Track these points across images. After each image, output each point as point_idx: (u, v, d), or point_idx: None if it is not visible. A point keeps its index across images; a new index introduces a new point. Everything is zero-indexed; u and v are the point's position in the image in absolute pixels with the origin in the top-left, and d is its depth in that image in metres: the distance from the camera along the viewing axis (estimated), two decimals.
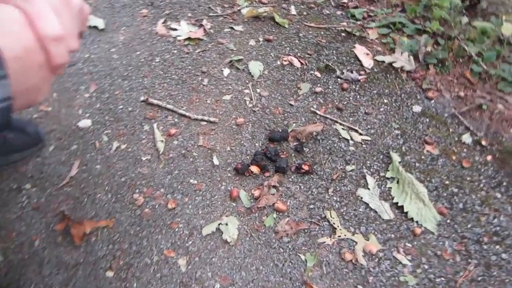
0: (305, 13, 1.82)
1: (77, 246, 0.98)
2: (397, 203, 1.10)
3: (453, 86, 1.43)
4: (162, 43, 1.62)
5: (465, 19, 1.69)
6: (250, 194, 1.11)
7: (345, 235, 1.04)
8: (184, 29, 1.67)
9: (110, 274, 0.93)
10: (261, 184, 1.13)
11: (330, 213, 1.08)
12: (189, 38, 1.63)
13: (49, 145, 1.24)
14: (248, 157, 1.21)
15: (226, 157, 1.21)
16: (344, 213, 1.09)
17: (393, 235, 1.05)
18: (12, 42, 0.42)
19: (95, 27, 1.67)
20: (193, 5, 1.82)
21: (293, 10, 1.82)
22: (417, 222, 1.06)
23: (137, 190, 1.12)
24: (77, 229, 0.98)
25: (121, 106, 1.36)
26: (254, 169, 1.14)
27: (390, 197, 1.11)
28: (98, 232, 1.01)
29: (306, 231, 1.05)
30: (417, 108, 1.36)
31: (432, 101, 1.39)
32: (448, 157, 1.22)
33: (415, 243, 1.03)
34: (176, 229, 1.03)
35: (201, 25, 1.69)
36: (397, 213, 1.09)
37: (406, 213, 1.07)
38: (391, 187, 1.13)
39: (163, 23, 1.71)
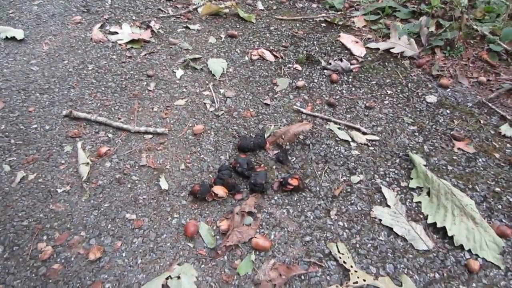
0: (274, 7, 1.52)
1: None
2: (434, 223, 0.73)
3: (470, 71, 1.13)
4: (98, 49, 1.28)
5: (465, 1, 1.43)
6: (214, 227, 0.74)
7: (364, 280, 0.66)
8: (126, 32, 1.34)
9: None
10: (230, 212, 0.76)
11: (337, 246, 0.71)
12: (132, 41, 1.30)
13: None
14: (210, 175, 0.84)
15: (179, 178, 0.84)
16: (357, 245, 0.72)
17: (437, 275, 0.68)
18: None
19: (13, 38, 1.33)
20: (139, 8, 1.51)
21: (260, 5, 1.53)
22: (469, 251, 0.70)
23: (44, 237, 0.74)
24: None
25: (35, 125, 0.99)
26: (219, 190, 0.77)
27: (422, 215, 0.75)
28: None
29: (303, 277, 0.67)
30: (431, 98, 1.03)
31: (448, 89, 1.07)
32: (489, 155, 0.88)
33: (474, 285, 0.66)
34: None
35: (148, 27, 1.37)
36: (437, 240, 0.72)
37: (451, 238, 0.71)
38: (420, 201, 0.77)
39: (100, 27, 1.37)
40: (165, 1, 1.56)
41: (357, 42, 1.24)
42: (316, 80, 1.10)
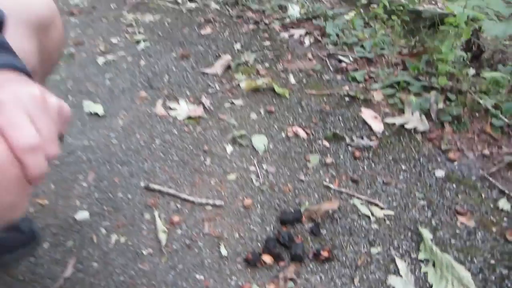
0: (304, 80, 1.78)
1: None
2: None
3: (475, 144, 1.33)
4: (161, 124, 1.57)
5: (471, 71, 1.64)
6: None
7: None
8: (183, 108, 1.63)
9: None
10: (275, 277, 0.99)
11: None
12: (189, 117, 1.58)
13: (44, 242, 1.13)
14: (259, 244, 1.08)
15: (235, 245, 1.08)
16: None
17: None
18: None
19: (96, 114, 1.64)
20: (191, 84, 1.80)
21: (292, 79, 1.79)
22: None
23: None
24: None
25: (120, 194, 1.27)
26: (267, 258, 1.01)
27: (428, 284, 0.96)
28: None
29: None
30: (440, 173, 1.24)
31: (455, 163, 1.28)
32: (487, 229, 1.08)
33: None
34: None
35: (200, 103, 1.65)
36: None
37: None
38: (427, 272, 0.98)
39: (162, 104, 1.67)
40: (212, 76, 1.85)
41: (376, 117, 1.47)
42: (341, 157, 1.33)
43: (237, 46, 2.09)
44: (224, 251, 1.07)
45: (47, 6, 0.76)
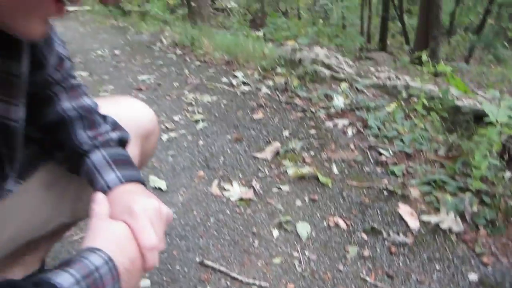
0: (346, 171, 1.95)
1: None
2: None
3: (510, 250, 1.41)
4: (216, 203, 1.77)
5: (508, 174, 1.74)
6: None
7: None
8: (236, 190, 1.83)
9: None
10: None
11: None
12: (240, 199, 1.77)
13: None
14: None
15: None
16: None
17: None
18: (123, 258, 0.55)
19: (159, 189, 1.87)
20: (243, 167, 2.02)
21: (335, 169, 1.96)
22: None
23: None
24: None
25: (178, 267, 1.44)
26: None
27: None
28: None
29: None
30: (473, 276, 1.32)
31: (489, 267, 1.36)
32: None
33: None
34: None
35: (251, 186, 1.85)
36: None
37: None
38: None
39: (217, 184, 1.89)
40: (262, 160, 2.07)
41: (412, 214, 1.60)
42: (378, 250, 1.45)
43: (286, 133, 2.32)
44: None
45: (152, 122, 1.00)
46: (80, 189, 0.85)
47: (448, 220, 1.54)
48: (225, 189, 1.85)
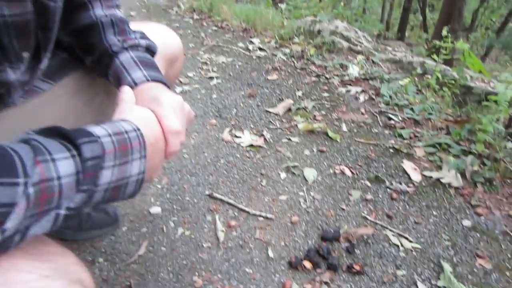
0: (355, 130, 2.02)
1: None
2: None
3: (503, 205, 1.48)
4: (227, 148, 1.85)
5: (510, 144, 1.80)
6: (302, 287, 1.16)
7: None
8: (247, 137, 1.90)
9: None
10: (312, 279, 1.18)
11: None
12: (251, 145, 1.85)
13: (123, 226, 1.39)
14: (301, 252, 1.28)
15: (280, 251, 1.29)
16: None
17: None
18: (149, 133, 0.61)
19: None
20: (255, 119, 2.09)
21: (344, 127, 2.03)
22: None
23: (196, 273, 1.21)
24: None
25: (188, 198, 1.53)
26: (307, 264, 1.21)
27: None
28: None
29: None
30: (467, 223, 1.40)
31: (482, 217, 1.43)
32: (502, 273, 1.22)
33: None
34: None
35: (262, 135, 1.92)
36: None
37: None
38: None
39: (229, 131, 1.96)
40: (274, 115, 2.13)
41: (415, 169, 1.67)
42: (380, 196, 1.53)
43: (299, 93, 2.38)
44: (271, 254, 1.28)
45: (178, 46, 1.05)
46: (105, 104, 0.91)
47: (448, 176, 1.60)
48: (236, 136, 1.92)
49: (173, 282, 1.18)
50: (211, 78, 2.62)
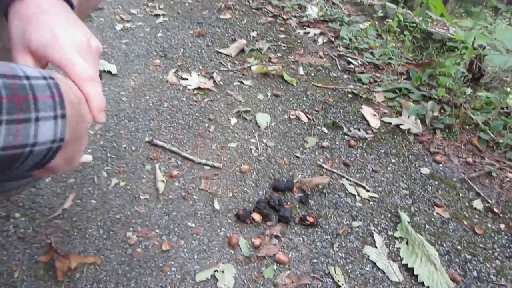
0: (312, 74, 1.87)
1: (59, 282, 0.89)
2: (406, 264, 1.02)
3: (461, 152, 1.42)
4: (171, 90, 1.65)
5: (469, 90, 1.74)
6: (250, 242, 1.05)
7: None
8: (194, 79, 1.71)
9: None
10: (262, 233, 1.07)
11: (335, 269, 1.00)
12: (198, 88, 1.66)
13: (46, 177, 1.20)
14: (250, 204, 1.15)
15: (227, 203, 1.16)
16: (349, 271, 1.01)
17: None
18: (67, 88, 0.42)
19: (109, 72, 1.71)
20: (205, 60, 1.88)
21: (301, 71, 1.88)
22: (428, 287, 0.98)
23: (131, 229, 1.06)
24: (62, 263, 0.90)
25: (124, 145, 1.34)
26: (256, 216, 1.09)
27: (399, 258, 1.04)
28: (84, 268, 0.93)
29: (307, 286, 0.96)
30: (425, 170, 1.33)
31: (440, 164, 1.37)
32: (459, 222, 1.16)
33: None
34: (168, 273, 0.95)
35: (211, 77, 1.73)
36: (407, 276, 1.01)
37: (417, 276, 1.00)
38: (400, 248, 1.06)
39: (174, 72, 1.75)
40: (226, 56, 1.93)
41: (374, 115, 1.56)
42: (337, 143, 1.42)
43: (253, 34, 2.17)
44: (217, 206, 1.14)
45: None
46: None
47: (408, 122, 1.52)
48: (182, 78, 1.72)
49: (103, 239, 1.02)
50: (157, 15, 2.34)
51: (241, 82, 1.73)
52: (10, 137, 0.30)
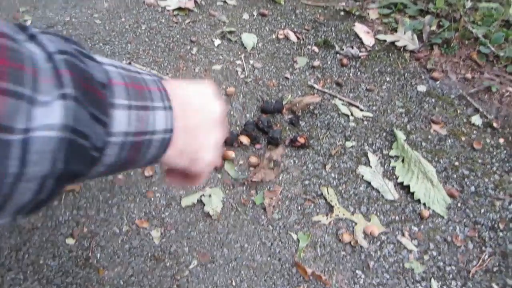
0: None
1: None
2: (402, 183, 0.99)
3: (459, 68, 1.34)
4: (149, 12, 1.50)
5: (469, 3, 1.61)
6: (236, 166, 0.99)
7: (343, 215, 0.93)
8: (173, 0, 1.55)
9: (71, 241, 0.80)
10: (257, 154, 1.01)
11: (327, 190, 0.96)
12: (179, 8, 1.51)
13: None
14: (238, 128, 1.09)
15: None
16: (342, 191, 0.97)
17: (397, 217, 0.94)
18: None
19: None
20: None
21: None
22: (424, 204, 0.95)
23: None
24: None
25: None
26: (244, 139, 1.03)
27: (395, 176, 1.00)
28: (61, 195, 0.87)
29: (299, 208, 0.93)
30: (422, 88, 1.26)
31: (438, 82, 1.29)
32: (457, 138, 1.12)
33: (422, 227, 0.92)
34: (152, 199, 0.90)
35: None
36: (402, 194, 0.98)
37: (413, 193, 0.97)
38: (395, 166, 1.02)
39: None
40: None
41: (368, 32, 1.45)
42: (329, 62, 1.32)
43: None
44: None
45: None
46: None
47: (404, 39, 1.42)
48: None
49: None
50: None
51: (225, 1, 1.58)
52: (139, 123, 0.28)
